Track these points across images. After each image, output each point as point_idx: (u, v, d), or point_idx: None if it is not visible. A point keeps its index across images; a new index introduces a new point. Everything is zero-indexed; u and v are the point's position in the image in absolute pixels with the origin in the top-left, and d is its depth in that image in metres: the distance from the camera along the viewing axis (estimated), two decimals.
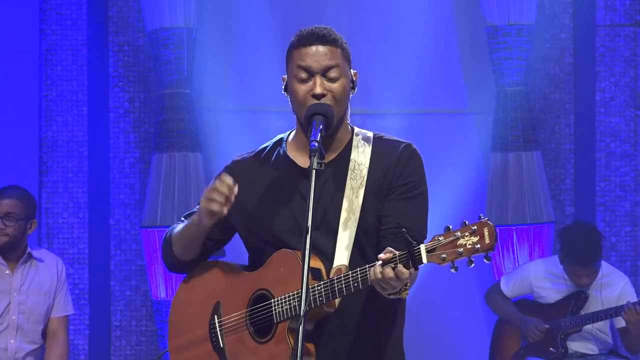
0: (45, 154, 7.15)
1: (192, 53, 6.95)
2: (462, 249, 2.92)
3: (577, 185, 7.29)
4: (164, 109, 6.95)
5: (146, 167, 7.14)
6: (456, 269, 2.94)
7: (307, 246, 3.00)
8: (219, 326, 3.36)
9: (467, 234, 2.93)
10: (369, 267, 3.06)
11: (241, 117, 7.18)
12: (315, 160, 3.06)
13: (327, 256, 3.23)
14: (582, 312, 6.12)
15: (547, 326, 6.14)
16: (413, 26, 7.17)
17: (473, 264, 2.95)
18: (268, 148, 3.42)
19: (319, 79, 3.22)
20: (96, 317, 7.13)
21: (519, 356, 6.29)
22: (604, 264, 6.17)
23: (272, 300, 3.23)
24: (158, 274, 6.85)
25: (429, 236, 3.08)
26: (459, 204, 6.97)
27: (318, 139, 3.09)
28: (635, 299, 6.13)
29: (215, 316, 3.37)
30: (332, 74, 3.23)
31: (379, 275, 3.00)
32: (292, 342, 3.18)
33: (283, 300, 3.20)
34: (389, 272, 2.99)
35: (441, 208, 6.94)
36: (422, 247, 2.97)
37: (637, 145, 7.18)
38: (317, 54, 3.23)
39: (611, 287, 6.16)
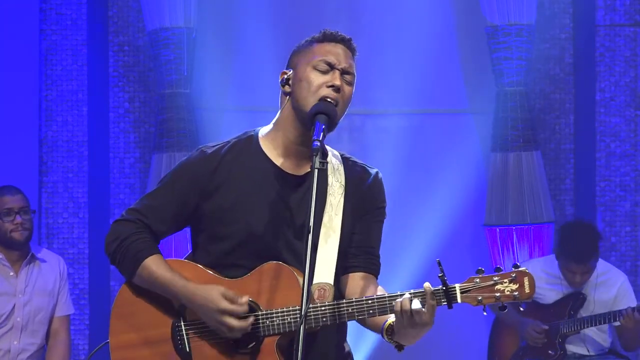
0: (45, 154, 7.15)
1: (192, 53, 6.95)
2: (499, 294, 3.01)
3: (577, 185, 7.29)
4: (164, 109, 6.95)
5: (146, 167, 7.14)
6: (486, 312, 3.05)
7: (308, 246, 2.96)
8: (186, 329, 3.24)
9: (506, 280, 3.01)
10: (389, 296, 3.05)
11: (241, 117, 7.17)
12: (317, 160, 3.03)
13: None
14: (581, 313, 6.12)
15: (546, 327, 6.13)
16: (413, 26, 7.17)
17: (506, 310, 3.05)
18: (238, 144, 3.35)
19: (339, 74, 3.21)
20: (96, 317, 7.13)
21: (518, 357, 6.28)
22: (600, 262, 6.16)
23: (259, 313, 3.15)
24: None
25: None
26: (459, 204, 6.97)
27: (320, 139, 3.06)
28: (633, 299, 6.14)
29: (182, 318, 3.25)
30: (349, 77, 3.24)
31: (407, 307, 2.98)
32: (280, 359, 3.12)
33: (275, 315, 3.13)
34: (419, 306, 2.98)
35: (441, 208, 6.95)
36: (458, 286, 3.02)
37: (637, 145, 7.18)
38: (342, 54, 3.24)
39: (607, 287, 6.15)
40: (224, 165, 3.28)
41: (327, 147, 3.33)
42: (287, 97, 3.31)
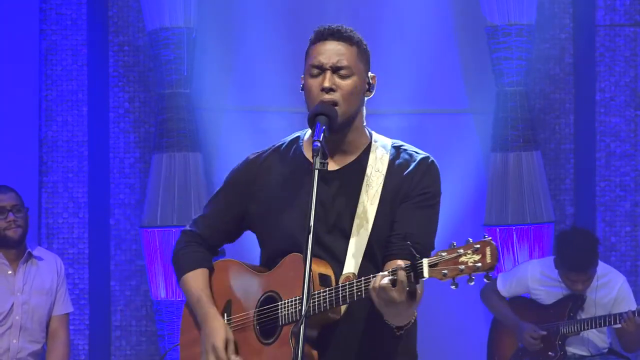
0: (45, 154, 7.15)
1: (192, 53, 6.95)
2: (463, 266, 2.93)
3: (577, 185, 7.29)
4: (164, 109, 6.95)
5: (146, 167, 7.14)
6: (456, 285, 2.94)
7: (309, 245, 2.99)
8: (228, 324, 3.38)
9: (469, 251, 2.94)
10: (372, 276, 3.06)
11: (241, 117, 7.18)
12: (318, 160, 3.06)
13: (339, 261, 3.23)
14: (580, 314, 6.11)
15: (543, 333, 6.12)
16: (413, 26, 7.17)
17: (473, 282, 2.95)
18: (284, 145, 3.41)
19: (329, 74, 3.21)
20: (96, 317, 7.13)
21: (517, 358, 6.28)
22: (600, 264, 6.14)
23: (279, 303, 3.24)
24: (158, 274, 6.85)
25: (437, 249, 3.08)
26: (459, 204, 6.97)
27: (320, 139, 3.08)
28: (633, 301, 6.13)
29: (225, 314, 3.39)
30: (343, 71, 3.23)
31: (376, 284, 3.00)
32: (294, 346, 3.17)
33: (289, 304, 3.20)
34: (387, 282, 2.98)
35: (441, 208, 6.94)
36: (425, 261, 2.97)
37: (637, 145, 7.18)
38: (329, 50, 3.23)
39: (607, 289, 6.14)
40: (264, 169, 3.37)
41: (378, 136, 3.37)
42: None
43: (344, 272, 3.20)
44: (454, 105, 7.31)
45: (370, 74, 3.34)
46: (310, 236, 3.00)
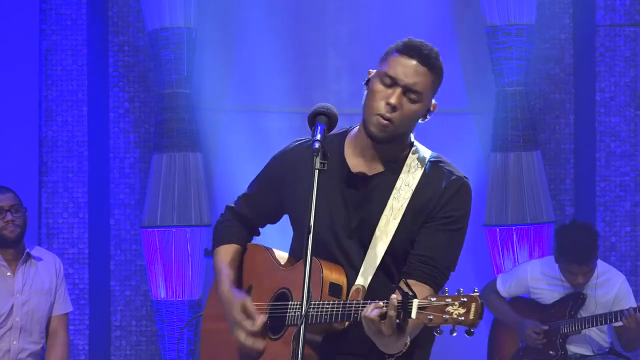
0: (45, 154, 7.15)
1: (192, 53, 6.94)
2: (447, 316, 2.88)
3: (577, 185, 7.29)
4: (164, 109, 6.95)
5: (146, 167, 7.14)
6: (441, 332, 2.92)
7: (309, 245, 2.99)
8: None
9: (456, 303, 2.89)
10: (371, 302, 3.04)
11: (241, 117, 7.18)
12: (318, 160, 3.05)
13: (355, 269, 3.23)
14: (581, 313, 6.11)
15: (545, 328, 6.12)
16: (413, 26, 7.15)
17: (455, 334, 2.92)
18: (329, 139, 3.28)
19: (399, 92, 3.18)
20: (96, 317, 7.13)
21: (518, 357, 6.28)
22: (599, 262, 6.15)
23: (289, 303, 3.26)
24: (158, 274, 6.84)
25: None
26: None
27: (320, 139, 3.08)
28: (632, 299, 6.13)
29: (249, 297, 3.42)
30: (414, 95, 3.20)
31: (366, 314, 2.98)
32: (294, 348, 3.17)
33: (297, 307, 3.21)
34: (375, 315, 2.97)
35: None
36: (416, 302, 2.92)
37: (637, 145, 7.18)
38: (410, 69, 3.19)
39: (607, 287, 6.15)
40: (301, 160, 3.34)
41: (419, 147, 3.33)
42: None
43: (355, 283, 3.20)
44: (454, 105, 7.30)
45: (433, 101, 3.32)
46: (310, 236, 2.99)
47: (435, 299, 2.90)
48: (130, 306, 7.20)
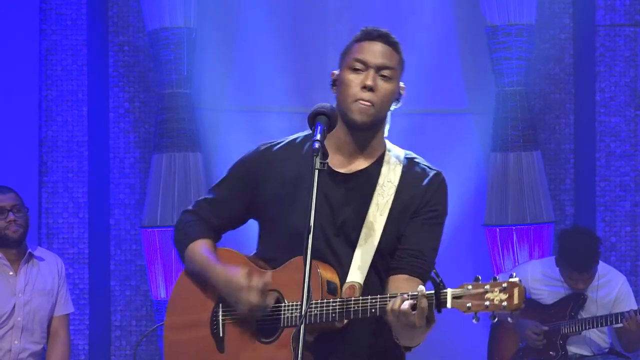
0: (45, 154, 7.15)
1: (192, 53, 6.94)
2: (488, 303, 2.96)
3: (577, 185, 7.29)
4: (164, 109, 6.95)
5: (146, 167, 7.14)
6: (478, 319, 2.99)
7: (309, 245, 2.98)
8: (223, 315, 3.34)
9: (497, 289, 2.96)
10: (389, 296, 3.06)
11: (241, 117, 7.18)
12: (318, 160, 3.04)
13: (344, 268, 3.23)
14: (582, 314, 6.11)
15: (545, 328, 6.12)
16: (413, 26, 7.16)
17: (496, 319, 3.02)
18: (299, 140, 3.39)
19: (372, 73, 3.23)
20: (96, 317, 7.13)
21: (518, 358, 6.28)
22: (600, 264, 6.15)
23: (283, 304, 3.22)
24: (158, 274, 6.85)
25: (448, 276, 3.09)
26: (459, 204, 6.97)
27: (320, 139, 3.07)
28: (633, 301, 6.13)
29: (221, 304, 3.34)
30: (386, 72, 3.25)
31: (396, 307, 2.98)
32: (294, 348, 3.15)
33: (293, 307, 3.18)
34: (408, 307, 2.98)
35: None
36: (449, 291, 2.98)
37: (637, 145, 7.18)
38: (377, 50, 3.26)
39: (607, 288, 6.14)
40: (275, 161, 3.35)
41: (391, 146, 3.37)
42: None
43: (347, 280, 3.20)
44: (454, 105, 7.31)
45: (402, 84, 3.37)
46: (310, 236, 2.98)
47: (471, 286, 2.96)
48: (130, 306, 7.20)
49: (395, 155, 3.34)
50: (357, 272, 3.21)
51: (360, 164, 3.31)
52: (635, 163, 7.18)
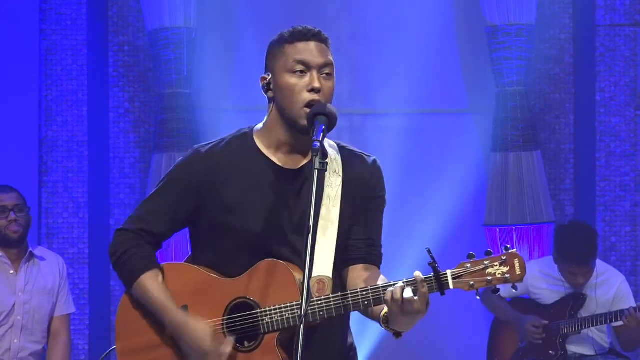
0: (45, 154, 7.15)
1: (192, 53, 6.95)
2: (491, 278, 3.01)
3: (577, 185, 7.29)
4: (163, 109, 6.96)
5: (146, 167, 7.14)
6: (479, 295, 3.03)
7: (309, 246, 2.95)
8: None
9: (496, 263, 3.01)
10: (383, 286, 3.05)
11: (241, 117, 7.16)
12: (318, 160, 3.02)
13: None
14: (581, 313, 6.12)
15: (545, 322, 6.12)
16: (413, 26, 7.17)
17: (499, 293, 3.08)
18: (233, 141, 3.30)
19: (316, 73, 3.19)
20: (96, 317, 7.13)
21: (518, 357, 6.28)
22: (598, 262, 6.16)
23: (258, 311, 3.16)
24: None
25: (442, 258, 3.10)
26: (459, 204, 6.97)
27: (320, 139, 3.04)
28: (632, 299, 6.14)
29: None
30: (327, 70, 3.21)
31: (398, 296, 2.98)
32: (282, 354, 3.13)
33: (273, 312, 3.13)
34: (410, 294, 2.98)
35: (441, 208, 6.95)
36: (449, 272, 3.01)
37: (637, 145, 7.18)
38: (314, 50, 3.21)
39: (606, 287, 6.15)
40: (220, 163, 3.26)
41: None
42: (272, 101, 3.31)
43: (314, 275, 3.13)
44: (454, 105, 7.31)
45: None
46: (310, 236, 2.95)
47: (469, 264, 3.00)
48: None
49: (330, 146, 3.31)
50: (323, 267, 3.17)
51: (301, 158, 3.27)
52: (635, 163, 7.18)
